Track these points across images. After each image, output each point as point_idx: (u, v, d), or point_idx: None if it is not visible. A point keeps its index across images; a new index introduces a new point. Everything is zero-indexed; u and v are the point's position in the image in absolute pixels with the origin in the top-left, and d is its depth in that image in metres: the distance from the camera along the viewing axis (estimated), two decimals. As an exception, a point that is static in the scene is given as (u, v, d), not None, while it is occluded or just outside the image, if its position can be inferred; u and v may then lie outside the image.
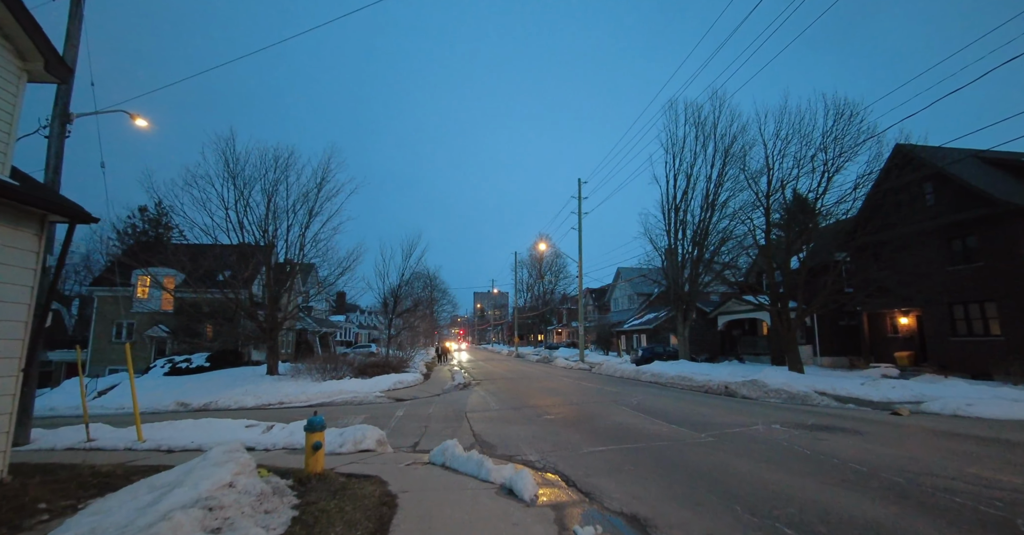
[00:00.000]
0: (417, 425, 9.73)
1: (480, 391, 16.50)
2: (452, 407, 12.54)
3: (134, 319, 26.53)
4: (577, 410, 10.88)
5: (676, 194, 26.98)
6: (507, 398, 14.00)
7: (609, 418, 9.60)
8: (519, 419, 9.84)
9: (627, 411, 10.52)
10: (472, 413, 11.09)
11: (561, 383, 18.71)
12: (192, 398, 16.47)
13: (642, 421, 9.09)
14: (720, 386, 15.46)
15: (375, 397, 15.81)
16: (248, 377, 21.00)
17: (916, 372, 18.86)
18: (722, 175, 24.71)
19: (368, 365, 20.45)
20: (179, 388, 19.71)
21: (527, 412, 10.83)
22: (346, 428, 7.20)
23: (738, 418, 9.30)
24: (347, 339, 58.59)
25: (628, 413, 10.23)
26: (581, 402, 12.36)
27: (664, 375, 19.72)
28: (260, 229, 20.44)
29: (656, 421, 9.04)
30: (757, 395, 13.66)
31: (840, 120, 17.22)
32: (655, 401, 12.37)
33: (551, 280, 69.40)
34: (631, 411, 10.48)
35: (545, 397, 13.91)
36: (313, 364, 19.90)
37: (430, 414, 11.39)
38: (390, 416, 11.20)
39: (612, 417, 9.71)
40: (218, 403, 15.90)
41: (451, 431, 8.83)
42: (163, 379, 22.60)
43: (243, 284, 21.22)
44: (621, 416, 9.80)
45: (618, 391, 15.10)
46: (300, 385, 18.07)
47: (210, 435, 8.14)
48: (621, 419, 9.38)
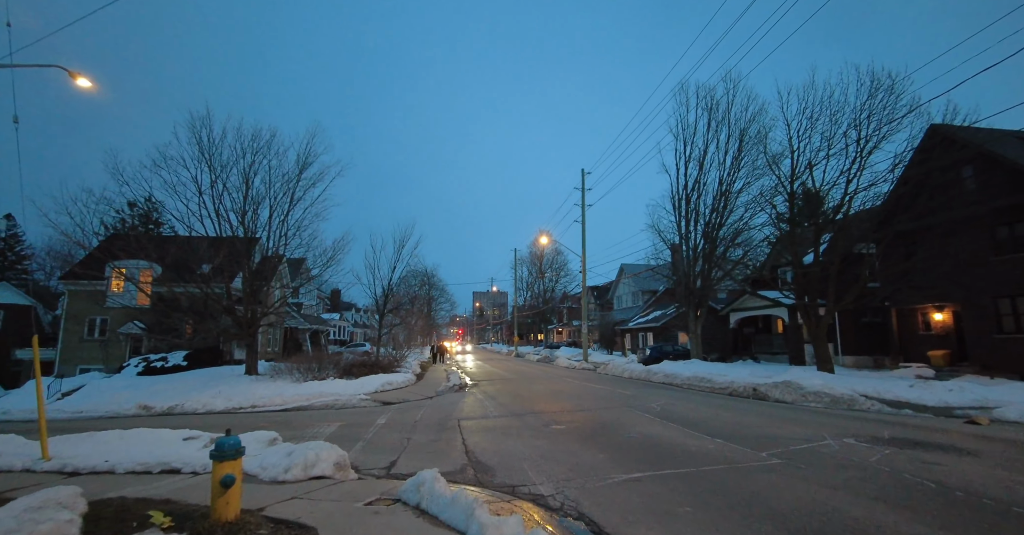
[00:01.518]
0: (399, 436, 8.01)
1: (477, 394, 14.78)
2: (444, 412, 10.81)
3: (108, 315, 24.76)
4: (591, 418, 9.16)
5: (687, 183, 25.26)
6: (507, 402, 12.28)
7: (633, 428, 7.89)
8: (523, 429, 8.12)
9: (652, 420, 8.80)
10: (467, 421, 9.36)
11: (566, 385, 17.00)
12: (157, 400, 14.77)
13: (676, 433, 7.36)
14: (747, 388, 13.75)
15: (359, 400, 14.10)
16: (224, 377, 19.27)
17: (955, 372, 17.18)
18: (738, 161, 22.99)
19: (355, 365, 18.72)
20: (148, 389, 18.01)
21: (531, 420, 9.10)
22: (297, 446, 5.48)
23: (794, 429, 7.58)
24: (341, 338, 56.84)
25: (655, 422, 8.52)
26: (594, 408, 10.64)
27: (679, 376, 18.02)
28: (238, 216, 18.71)
29: (694, 434, 7.31)
30: (793, 399, 11.96)
31: (876, 93, 15.51)
32: (681, 407, 10.64)
33: (551, 278, 67.69)
34: (658, 420, 8.76)
35: (551, 401, 12.19)
36: (295, 363, 18.15)
37: (417, 421, 9.67)
38: (369, 424, 9.48)
39: (636, 427, 7.99)
40: (184, 406, 14.20)
41: (439, 445, 7.11)
42: (134, 379, 20.84)
43: (222, 277, 19.48)
44: (647, 426, 8.08)
45: (632, 394, 13.38)
46: (278, 386, 16.36)
47: (133, 452, 6.41)
48: (649, 430, 7.66)
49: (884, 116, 15.37)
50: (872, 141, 15.43)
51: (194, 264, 17.53)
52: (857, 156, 15.83)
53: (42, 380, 22.88)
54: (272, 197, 18.44)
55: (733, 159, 23.44)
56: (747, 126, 22.65)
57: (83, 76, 10.62)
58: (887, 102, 15.32)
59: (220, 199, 18.33)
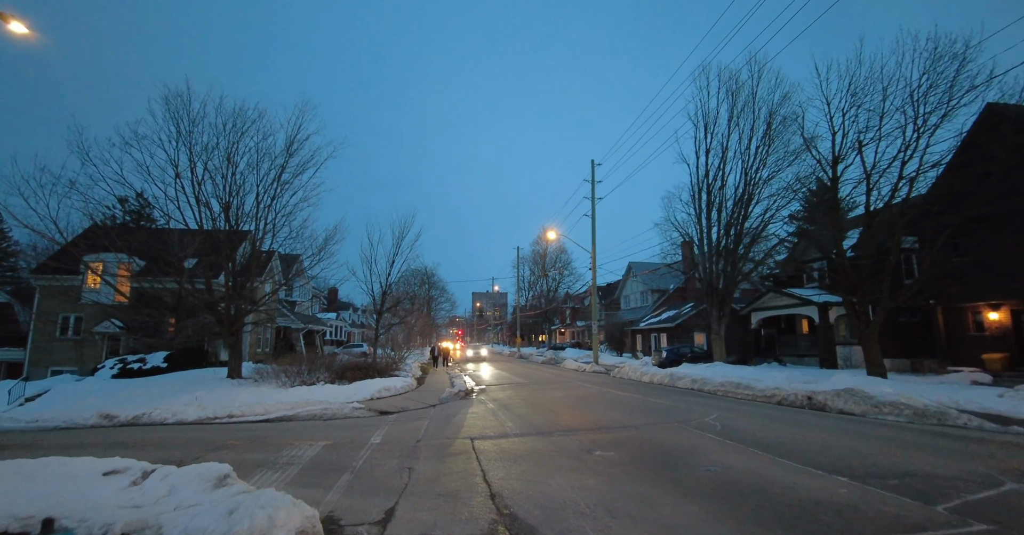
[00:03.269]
0: (397, 465, 6.17)
1: (487, 402, 12.95)
2: (452, 428, 8.98)
3: (83, 313, 22.88)
4: (640, 439, 7.32)
5: (708, 172, 23.48)
6: (526, 414, 10.45)
7: (704, 456, 6.06)
8: (558, 457, 6.29)
9: (722, 442, 6.94)
10: (482, 441, 7.53)
11: (585, 391, 15.18)
12: (123, 408, 12.95)
13: (772, 466, 5.49)
14: (798, 396, 11.92)
15: (352, 409, 12.28)
16: (204, 381, 17.44)
17: (1016, 378, 15.39)
18: (765, 145, 21.19)
19: (349, 368, 16.88)
20: (118, 394, 16.20)
21: (565, 442, 7.27)
22: (245, 499, 3.64)
23: (926, 459, 5.69)
24: (338, 338, 54.95)
25: (727, 447, 6.67)
26: (635, 423, 8.80)
27: (709, 381, 16.20)
28: (220, 202, 16.87)
29: (797, 467, 5.43)
30: (862, 410, 10.14)
31: (939, 63, 13.73)
32: (740, 422, 8.80)
33: (555, 277, 65.83)
34: (729, 443, 6.89)
35: (578, 413, 10.36)
36: (282, 366, 16.31)
37: (420, 440, 7.83)
38: (361, 444, 7.64)
39: (707, 454, 6.15)
40: (152, 415, 12.35)
41: (452, 481, 5.29)
42: (107, 383, 18.98)
43: (202, 270, 17.64)
44: (722, 453, 6.23)
45: (670, 405, 11.54)
46: (261, 392, 14.53)
47: (21, 497, 4.56)
48: (729, 460, 5.81)
49: (949, 91, 13.57)
50: (935, 116, 13.62)
51: (169, 256, 15.68)
52: (915, 134, 14.03)
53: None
54: (258, 179, 16.60)
55: (759, 145, 21.69)
56: (776, 107, 20.88)
57: (17, 19, 8.79)
58: (951, 73, 13.52)
59: (200, 183, 16.50)
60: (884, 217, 14.54)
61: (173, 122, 15.58)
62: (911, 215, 14.23)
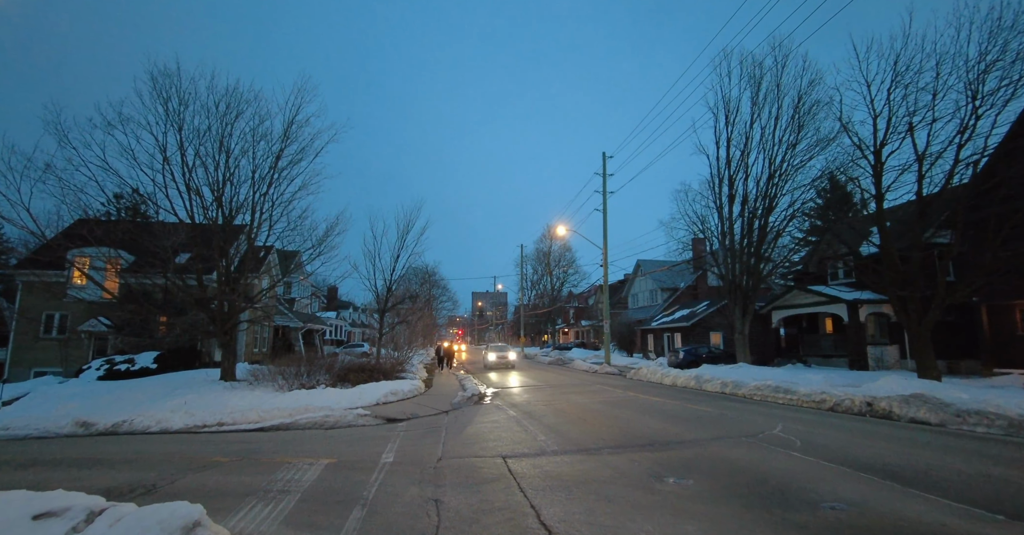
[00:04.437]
0: (419, 494, 4.92)
1: (506, 408, 11.69)
2: (476, 442, 7.73)
3: (68, 311, 21.60)
4: (712, 459, 6.05)
5: (731, 162, 22.23)
6: (556, 423, 9.20)
7: (812, 486, 4.77)
8: (623, 485, 5.02)
9: (818, 465, 5.62)
10: (518, 461, 6.27)
11: (610, 395, 13.94)
12: (104, 414, 11.72)
13: (910, 503, 4.08)
14: (857, 403, 10.66)
15: (356, 416, 11.02)
16: (195, 383, 16.19)
17: (1076, 382, 14.17)
18: (794, 133, 19.96)
19: (352, 370, 15.61)
20: (101, 397, 14.98)
21: (619, 462, 6.01)
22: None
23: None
24: (338, 338, 53.70)
25: (829, 471, 5.36)
26: (693, 437, 7.52)
27: (742, 384, 14.95)
28: (213, 190, 15.62)
29: (950, 505, 4.00)
30: (940, 419, 8.88)
31: (999, 33, 12.50)
32: (815, 434, 7.52)
33: (559, 276, 64.60)
34: (830, 466, 5.53)
35: (616, 423, 9.11)
36: (280, 367, 15.05)
37: (440, 459, 6.58)
38: (371, 464, 6.38)
39: (815, 484, 4.84)
40: (133, 423, 11.12)
41: (496, 521, 4.03)
42: (91, 385, 17.72)
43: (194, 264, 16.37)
44: (829, 481, 4.92)
45: (718, 413, 10.27)
46: (256, 396, 13.29)
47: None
48: (847, 492, 4.48)
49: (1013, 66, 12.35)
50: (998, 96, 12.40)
51: (156, 247, 14.41)
52: (973, 116, 12.81)
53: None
54: (254, 165, 15.33)
55: (785, 133, 20.46)
56: (805, 92, 19.64)
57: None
58: (1017, 47, 12.29)
59: (192, 170, 15.25)
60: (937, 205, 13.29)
61: (161, 102, 14.33)
62: (967, 202, 12.98)
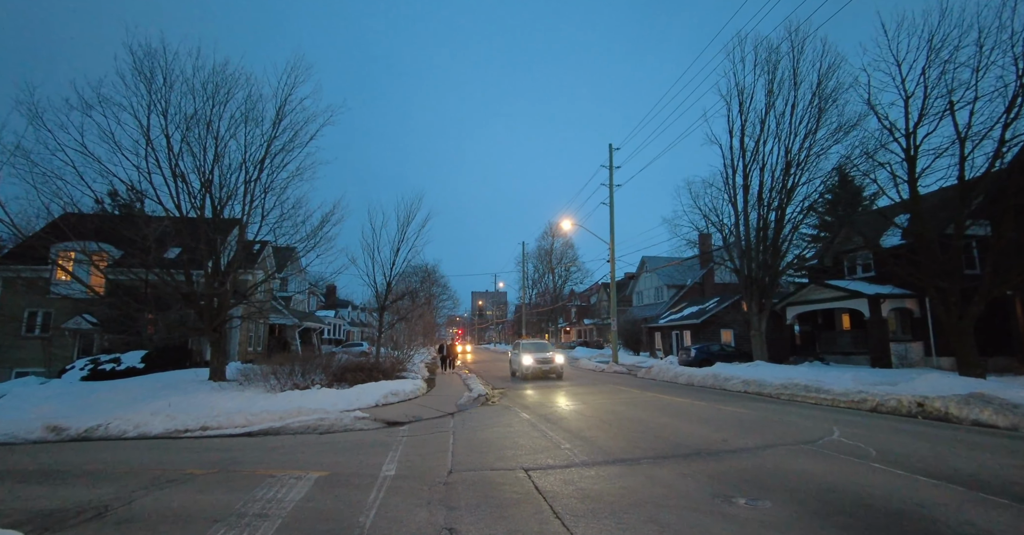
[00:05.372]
0: (428, 521, 3.95)
1: (518, 410, 10.72)
2: (490, 450, 6.75)
3: (52, 308, 20.58)
4: (778, 472, 5.06)
5: (745, 152, 21.26)
6: (579, 428, 8.23)
7: (928, 512, 3.78)
8: (684, 508, 4.04)
9: (913, 480, 4.61)
10: (544, 475, 5.29)
11: (628, 395, 12.97)
12: (78, 418, 10.71)
13: None
14: (907, 403, 9.68)
15: (353, 419, 10.06)
16: (182, 384, 15.20)
17: (1124, 380, 13.22)
18: (813, 118, 19.00)
19: (349, 369, 14.62)
20: (81, 400, 14.02)
21: (667, 476, 5.03)
22: None
23: None
24: (337, 337, 52.69)
25: (937, 488, 4.36)
26: (743, 445, 6.52)
27: (766, 383, 14.01)
28: (201, 176, 14.63)
29: None
30: (1010, 422, 7.91)
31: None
32: (892, 443, 6.50)
33: (561, 274, 63.57)
34: (927, 481, 4.50)
35: (646, 427, 8.14)
36: (272, 367, 14.06)
37: (451, 472, 5.60)
38: (369, 478, 5.40)
39: (940, 509, 3.80)
40: (109, 427, 10.13)
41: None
42: (72, 386, 16.72)
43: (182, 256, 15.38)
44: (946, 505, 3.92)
45: (760, 416, 9.30)
46: (246, 398, 12.30)
47: None
48: (983, 522, 3.57)
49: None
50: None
51: (136, 236, 13.42)
52: (1021, 91, 11.85)
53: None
54: (243, 148, 14.33)
55: (803, 118, 19.50)
56: (825, 75, 18.67)
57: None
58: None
59: (178, 157, 14.26)
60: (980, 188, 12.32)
61: (143, 80, 13.31)
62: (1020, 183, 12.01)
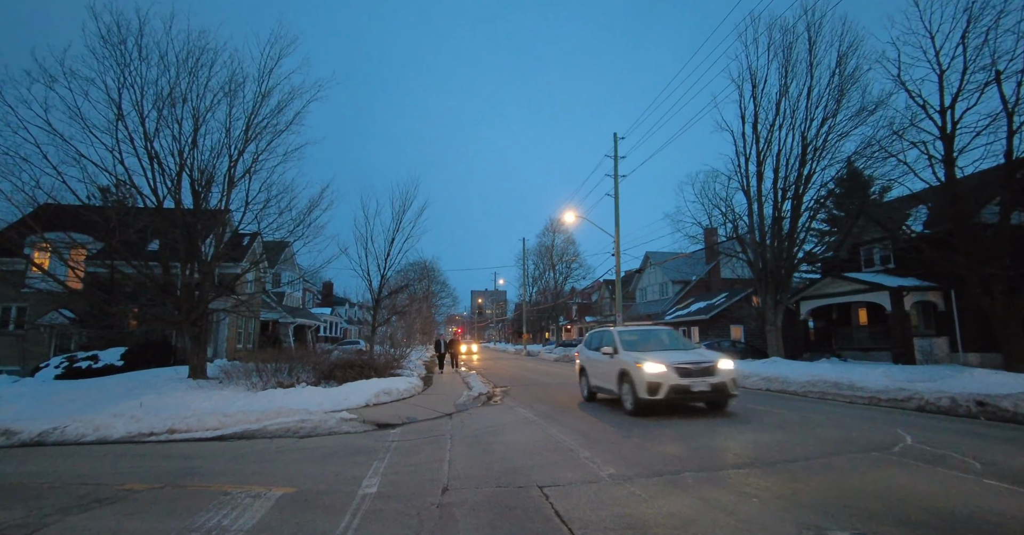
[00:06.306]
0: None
1: (522, 410, 9.63)
2: (496, 460, 5.66)
3: (26, 302, 19.46)
4: (871, 486, 4.00)
5: (759, 139, 20.19)
6: (590, 429, 7.14)
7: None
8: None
9: None
10: (563, 492, 4.21)
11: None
12: (36, 421, 9.62)
13: None
14: (964, 402, 8.60)
15: (339, 421, 8.97)
16: (159, 382, 14.12)
17: None
18: (833, 100, 17.93)
19: (339, 366, 13.52)
20: (47, 400, 12.91)
21: (725, 498, 3.95)
22: None
23: None
24: (334, 335, 51.58)
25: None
26: (803, 452, 5.41)
27: (789, 381, 12.98)
28: (176, 158, 13.53)
29: None
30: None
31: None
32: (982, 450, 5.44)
33: (562, 271, 62.50)
34: None
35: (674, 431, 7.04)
36: (254, 364, 12.97)
37: (448, 488, 4.53)
38: (343, 498, 4.32)
39: None
40: (66, 431, 9.06)
41: None
42: (43, 385, 15.63)
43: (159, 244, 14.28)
44: None
45: (803, 417, 8.18)
46: (224, 397, 11.21)
47: None
48: None
49: None
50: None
51: (97, 218, 12.34)
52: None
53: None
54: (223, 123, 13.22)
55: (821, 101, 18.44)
56: (846, 53, 17.60)
57: None
58: None
59: (152, 140, 13.14)
60: None
61: (109, 48, 12.18)
62: None
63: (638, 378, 8.00)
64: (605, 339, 10.12)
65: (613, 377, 8.99)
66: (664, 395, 7.76)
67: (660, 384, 7.76)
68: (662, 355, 8.38)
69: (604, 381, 9.59)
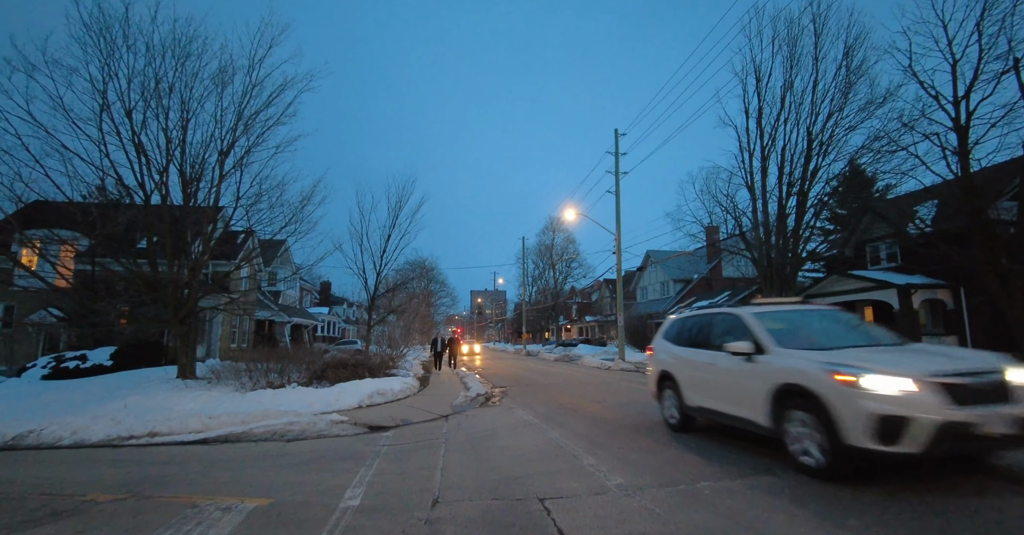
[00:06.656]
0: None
1: (521, 412, 9.20)
2: (492, 468, 5.23)
3: (13, 301, 19.01)
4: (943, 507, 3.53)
5: (763, 133, 19.76)
6: (593, 432, 6.72)
7: None
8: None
9: None
10: (567, 505, 3.78)
11: (645, 397, 11.42)
12: (11, 423, 9.18)
13: None
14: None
15: (329, 423, 8.55)
16: (146, 382, 13.70)
17: None
18: (840, 93, 17.49)
19: (332, 365, 13.08)
20: (29, 400, 12.52)
21: (748, 511, 3.51)
22: None
23: None
24: (331, 335, 51.15)
25: None
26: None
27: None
28: (162, 150, 13.08)
29: None
30: None
31: None
32: None
33: (562, 270, 62.08)
34: None
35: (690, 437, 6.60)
36: (243, 363, 12.52)
37: (439, 501, 4.10)
38: (324, 512, 3.88)
39: None
40: (42, 434, 8.63)
41: None
42: (29, 386, 15.25)
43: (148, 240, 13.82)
44: None
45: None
46: (211, 398, 10.77)
47: None
48: None
49: None
50: None
51: (74, 208, 11.92)
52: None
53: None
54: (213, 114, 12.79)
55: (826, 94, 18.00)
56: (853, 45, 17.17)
57: None
58: None
59: (137, 134, 12.70)
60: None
61: (96, 40, 11.74)
62: None
63: (843, 405, 3.96)
64: (728, 327, 5.72)
65: (757, 397, 4.82)
66: (919, 442, 3.66)
67: (907, 420, 3.68)
68: (881, 357, 4.30)
69: (727, 401, 5.44)
